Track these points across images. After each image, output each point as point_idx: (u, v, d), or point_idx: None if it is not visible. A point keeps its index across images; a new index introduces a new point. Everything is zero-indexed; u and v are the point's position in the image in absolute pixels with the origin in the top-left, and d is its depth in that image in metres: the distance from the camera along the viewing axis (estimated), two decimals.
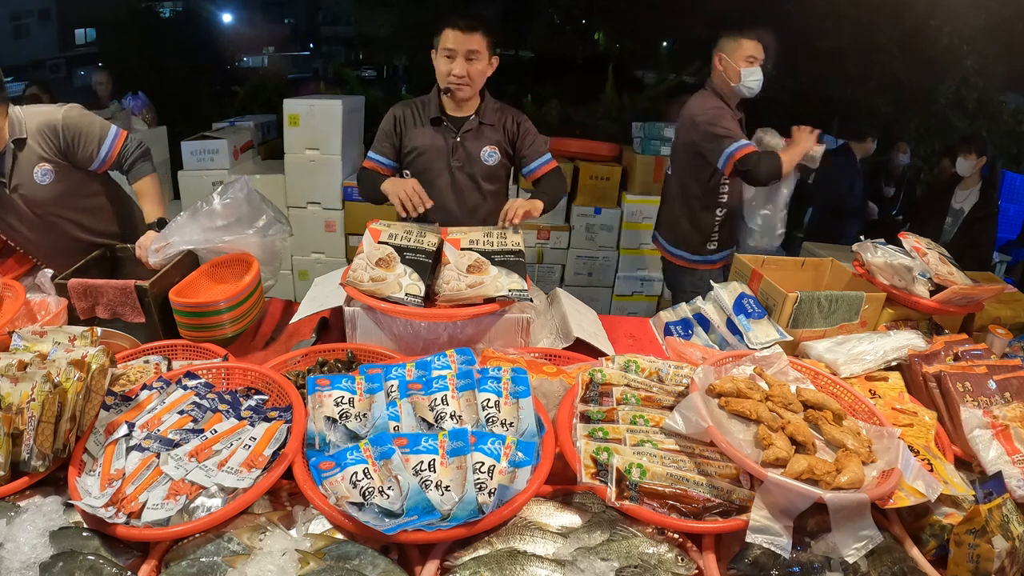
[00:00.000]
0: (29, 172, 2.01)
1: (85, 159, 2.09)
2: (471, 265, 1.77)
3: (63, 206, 2.11)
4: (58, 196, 2.08)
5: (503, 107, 2.30)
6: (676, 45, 7.83)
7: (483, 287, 1.71)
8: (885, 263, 1.99)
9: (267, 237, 2.04)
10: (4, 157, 1.99)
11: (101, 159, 2.10)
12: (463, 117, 2.23)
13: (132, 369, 1.55)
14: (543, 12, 8.89)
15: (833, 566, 1.11)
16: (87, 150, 2.07)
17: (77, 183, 2.12)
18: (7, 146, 1.99)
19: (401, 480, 1.12)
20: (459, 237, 1.90)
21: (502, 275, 1.75)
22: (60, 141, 2.03)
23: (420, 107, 2.26)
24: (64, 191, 2.08)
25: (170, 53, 7.74)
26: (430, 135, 2.22)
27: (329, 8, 11.92)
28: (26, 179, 2.02)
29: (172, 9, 9.94)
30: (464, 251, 1.83)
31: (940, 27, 5.84)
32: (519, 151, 2.28)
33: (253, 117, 4.90)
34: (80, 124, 2.05)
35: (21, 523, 1.08)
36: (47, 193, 2.05)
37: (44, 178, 2.02)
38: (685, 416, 1.26)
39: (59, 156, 2.04)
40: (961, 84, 6.14)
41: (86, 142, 2.06)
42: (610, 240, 4.38)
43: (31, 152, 2.01)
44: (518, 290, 1.72)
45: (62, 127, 2.02)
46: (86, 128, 2.06)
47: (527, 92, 5.72)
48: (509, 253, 1.83)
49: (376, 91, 6.02)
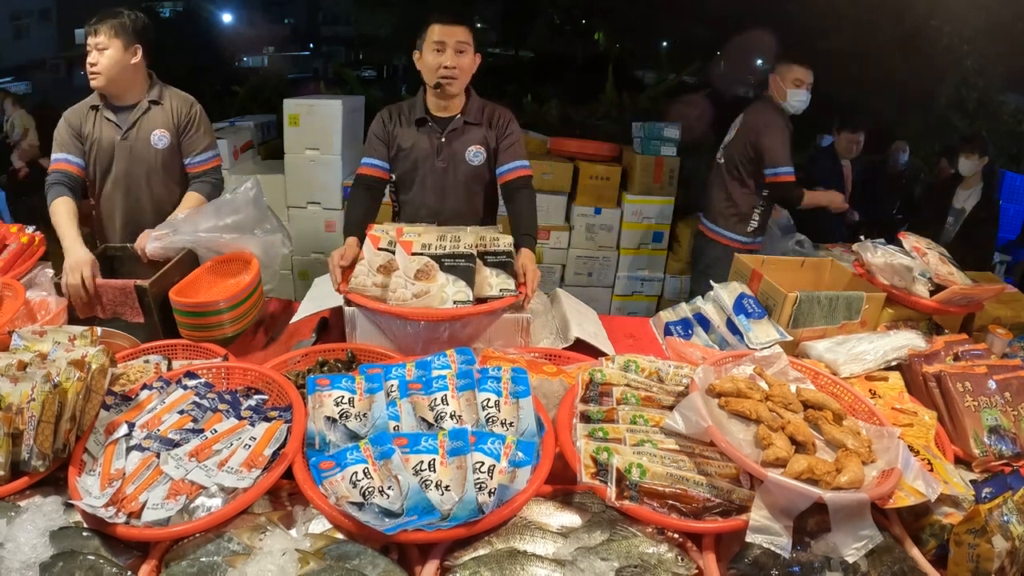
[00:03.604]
0: (149, 131, 2.26)
1: (187, 149, 2.32)
2: (419, 271, 1.71)
3: (157, 174, 2.30)
4: (160, 165, 2.29)
5: (490, 104, 2.28)
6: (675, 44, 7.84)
7: (428, 297, 1.67)
8: (885, 263, 1.99)
9: (268, 239, 2.04)
10: (133, 109, 2.25)
11: (194, 160, 2.33)
12: (448, 117, 2.21)
13: (132, 369, 1.55)
14: (543, 12, 8.90)
15: (833, 566, 1.11)
16: (194, 145, 2.32)
17: (177, 165, 2.33)
18: (141, 102, 2.25)
19: (401, 480, 1.12)
20: (412, 240, 1.83)
21: (449, 283, 1.69)
22: (186, 121, 2.29)
23: (406, 109, 2.24)
24: (165, 163, 2.30)
25: (170, 53, 7.71)
26: (415, 136, 2.21)
27: (329, 8, 11.94)
28: (143, 136, 2.26)
29: (172, 9, 9.96)
30: (415, 256, 1.76)
31: (940, 27, 5.84)
32: (499, 147, 2.24)
33: (253, 117, 4.89)
34: (205, 123, 2.34)
35: (21, 523, 1.08)
36: (153, 156, 2.27)
37: (159, 142, 2.27)
38: (685, 416, 1.26)
39: (177, 132, 2.29)
40: (961, 84, 6.14)
41: (198, 138, 2.32)
42: (610, 240, 4.38)
43: (160, 116, 2.27)
44: (463, 300, 1.67)
45: (193, 113, 2.30)
46: (206, 129, 2.34)
47: (527, 92, 5.72)
48: (460, 257, 1.76)
49: (376, 91, 6.02)
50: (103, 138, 2.24)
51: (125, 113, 2.24)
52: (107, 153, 2.26)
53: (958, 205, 3.94)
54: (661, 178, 4.22)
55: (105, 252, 2.10)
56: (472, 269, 1.74)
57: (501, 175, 2.25)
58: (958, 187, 3.94)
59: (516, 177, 2.21)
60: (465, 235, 1.88)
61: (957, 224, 3.92)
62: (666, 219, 4.31)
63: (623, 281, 4.47)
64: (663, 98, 5.52)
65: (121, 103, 2.24)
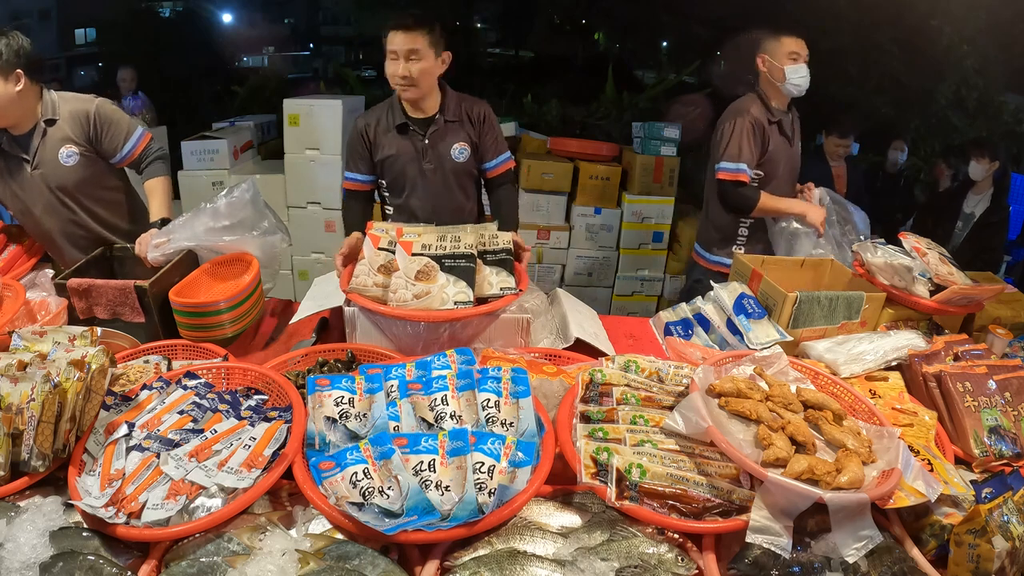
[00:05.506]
0: (55, 152, 2.08)
1: (110, 150, 2.16)
2: (420, 271, 1.71)
3: (81, 192, 2.16)
4: (78, 181, 2.14)
5: (465, 97, 2.27)
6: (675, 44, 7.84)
7: (429, 298, 1.66)
8: (885, 263, 1.99)
9: (267, 240, 2.04)
10: (33, 135, 2.06)
11: (124, 153, 2.18)
12: (428, 119, 2.21)
13: (132, 369, 1.55)
14: (543, 12, 8.90)
15: (833, 566, 1.11)
16: (113, 142, 2.15)
17: (98, 172, 2.19)
18: (37, 124, 2.06)
19: (401, 480, 1.12)
20: (412, 240, 1.81)
21: (449, 284, 1.69)
22: (90, 128, 2.11)
23: (385, 114, 2.23)
24: (85, 177, 2.15)
25: (170, 53, 7.74)
26: (398, 141, 2.21)
27: (329, 8, 11.93)
28: (51, 159, 2.08)
29: (172, 9, 9.95)
30: (415, 256, 1.75)
31: (940, 27, 5.84)
32: (481, 141, 2.25)
33: (253, 117, 4.89)
34: (111, 116, 2.15)
35: (21, 523, 1.08)
36: (68, 176, 2.11)
37: (69, 160, 2.10)
38: (685, 416, 1.26)
39: (86, 142, 2.12)
40: (961, 84, 6.13)
41: (114, 133, 2.15)
42: (610, 240, 4.38)
43: (60, 133, 2.08)
44: (464, 301, 1.67)
45: (94, 115, 2.11)
46: (116, 121, 2.16)
47: (527, 92, 5.72)
48: (460, 257, 1.75)
49: (376, 91, 6.00)
50: (12, 173, 2.08)
51: (27, 141, 2.06)
52: (24, 187, 2.10)
53: (968, 210, 3.90)
54: (661, 178, 4.22)
55: (105, 253, 2.10)
56: (472, 269, 1.73)
57: (488, 170, 2.30)
58: (969, 191, 3.90)
59: (504, 171, 2.30)
60: (465, 235, 1.88)
61: (966, 229, 3.88)
62: (666, 219, 4.32)
63: (623, 281, 4.48)
64: (663, 98, 5.53)
65: (20, 132, 2.05)
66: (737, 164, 2.50)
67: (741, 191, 2.53)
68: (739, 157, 2.50)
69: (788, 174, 2.67)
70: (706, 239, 2.82)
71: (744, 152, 2.51)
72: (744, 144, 2.51)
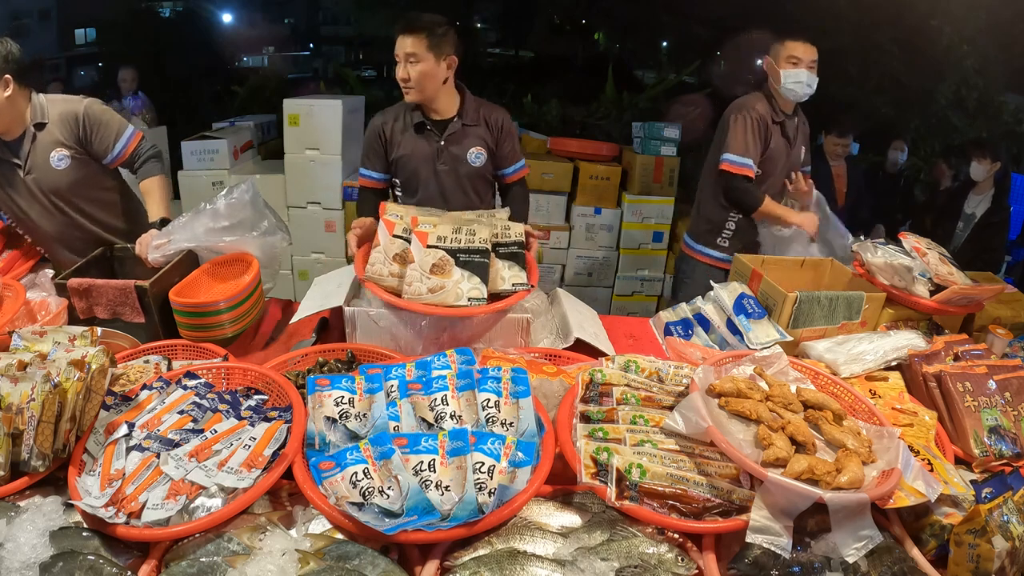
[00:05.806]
0: (46, 156, 2.06)
1: (101, 151, 2.14)
2: (435, 264, 1.71)
3: (75, 194, 2.15)
4: (71, 184, 2.12)
5: (484, 103, 2.29)
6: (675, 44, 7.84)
7: (444, 292, 1.67)
8: (885, 263, 1.99)
9: (267, 240, 2.04)
10: (23, 140, 2.04)
11: (115, 154, 2.16)
12: (446, 120, 2.22)
13: (132, 369, 1.55)
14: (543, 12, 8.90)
15: (833, 566, 1.11)
16: (104, 142, 2.13)
17: (91, 174, 2.17)
18: (27, 129, 2.04)
19: (401, 480, 1.12)
20: (427, 231, 1.79)
21: (464, 279, 1.70)
22: (79, 130, 2.09)
23: (402, 113, 2.24)
24: (77, 180, 2.13)
25: (170, 53, 7.74)
26: (414, 141, 2.22)
27: (329, 8, 11.93)
28: (42, 163, 2.06)
29: (172, 9, 9.95)
30: (430, 248, 1.74)
31: (940, 27, 5.84)
32: (499, 149, 2.29)
33: (253, 117, 4.89)
34: (101, 117, 2.12)
35: (21, 523, 1.08)
36: (61, 179, 2.10)
37: (60, 163, 2.08)
38: (685, 416, 1.26)
39: (76, 144, 2.10)
40: (961, 84, 6.13)
41: (104, 134, 2.13)
42: (610, 240, 4.38)
43: (50, 136, 2.06)
44: (478, 298, 1.67)
45: (83, 116, 2.08)
46: (106, 121, 2.13)
47: (527, 92, 5.72)
48: (475, 252, 1.75)
49: (376, 91, 6.02)
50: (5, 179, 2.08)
51: (18, 146, 2.04)
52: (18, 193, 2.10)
53: (969, 210, 3.89)
54: (661, 178, 4.23)
55: (105, 253, 2.09)
56: (487, 265, 1.74)
57: (505, 176, 2.35)
58: (970, 192, 3.90)
59: (519, 178, 2.37)
60: (480, 228, 1.85)
61: (967, 229, 3.87)
62: (666, 219, 4.32)
63: (623, 281, 4.48)
64: (663, 98, 5.53)
65: (11, 137, 2.03)
66: (743, 159, 2.53)
67: (746, 187, 2.56)
68: (745, 152, 2.53)
69: (783, 176, 2.70)
70: (695, 230, 2.85)
71: (750, 147, 2.54)
72: (750, 139, 2.54)
